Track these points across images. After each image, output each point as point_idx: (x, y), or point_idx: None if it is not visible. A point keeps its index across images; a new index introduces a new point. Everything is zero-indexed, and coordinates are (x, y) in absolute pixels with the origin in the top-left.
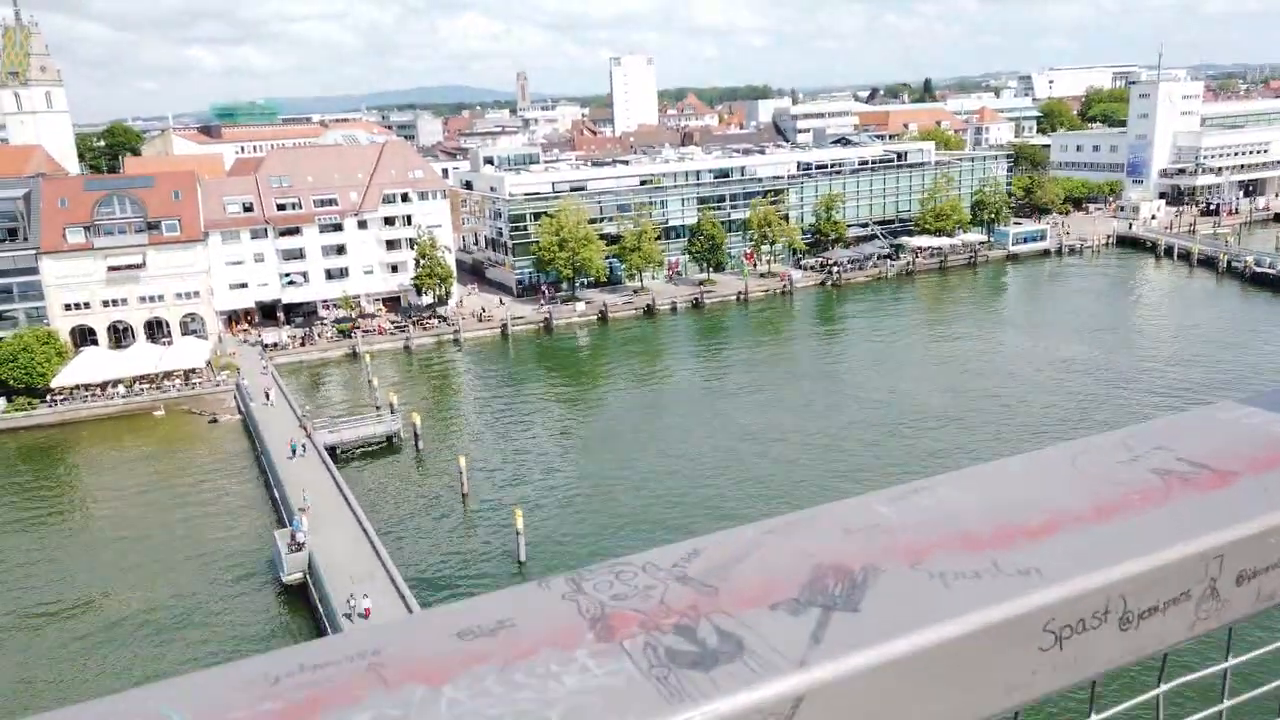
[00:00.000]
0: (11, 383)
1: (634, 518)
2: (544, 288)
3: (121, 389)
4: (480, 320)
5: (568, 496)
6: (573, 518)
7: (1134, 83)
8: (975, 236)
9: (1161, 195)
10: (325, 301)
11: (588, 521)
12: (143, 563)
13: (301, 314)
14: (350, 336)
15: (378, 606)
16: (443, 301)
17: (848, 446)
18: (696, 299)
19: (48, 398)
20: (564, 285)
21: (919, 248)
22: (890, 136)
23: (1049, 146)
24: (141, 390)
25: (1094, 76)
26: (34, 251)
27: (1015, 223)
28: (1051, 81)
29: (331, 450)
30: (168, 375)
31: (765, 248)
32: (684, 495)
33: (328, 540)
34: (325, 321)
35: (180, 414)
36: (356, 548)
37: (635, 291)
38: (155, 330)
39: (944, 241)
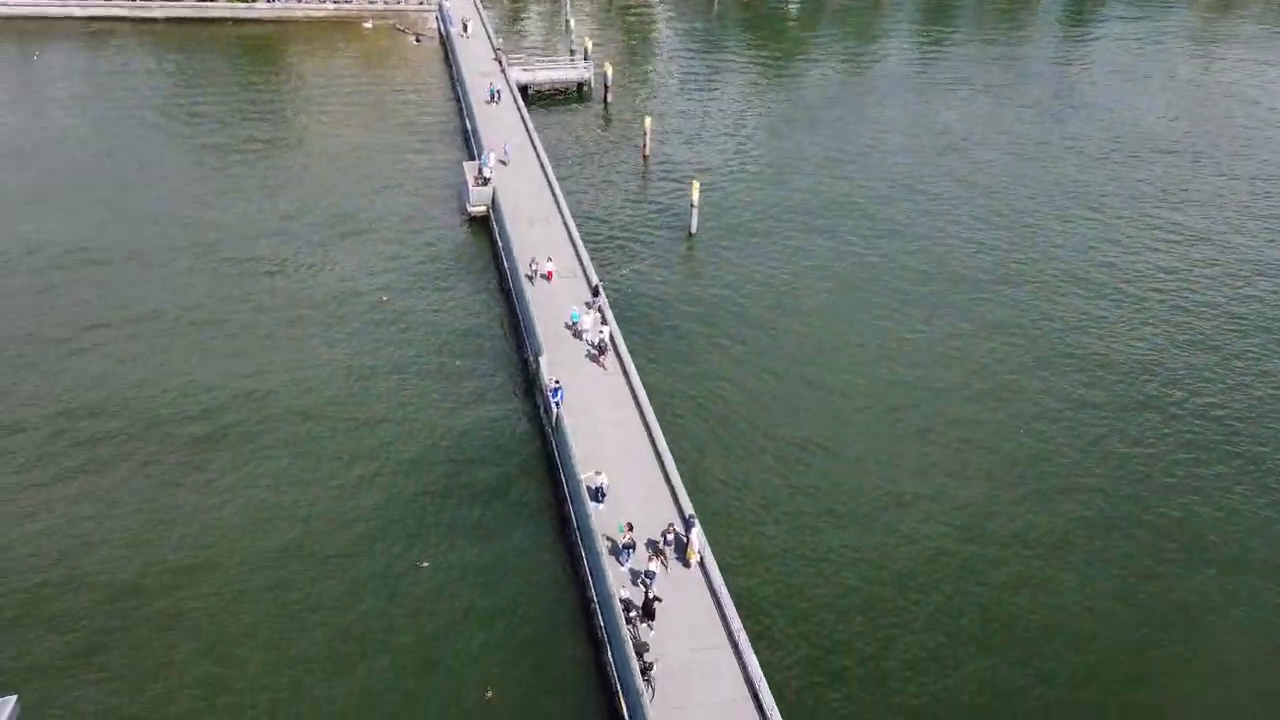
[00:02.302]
0: None
1: (806, 206)
2: None
3: None
4: None
5: (747, 174)
6: (748, 197)
7: None
8: None
9: None
10: None
11: (761, 202)
12: (345, 174)
13: None
14: None
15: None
16: None
17: (1054, 165)
18: None
19: None
20: None
21: None
22: None
23: None
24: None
25: None
26: None
27: None
28: None
29: (523, 90)
30: None
31: None
32: (860, 189)
33: (512, 179)
34: None
35: (386, 29)
36: (538, 191)
37: None
38: None
39: None
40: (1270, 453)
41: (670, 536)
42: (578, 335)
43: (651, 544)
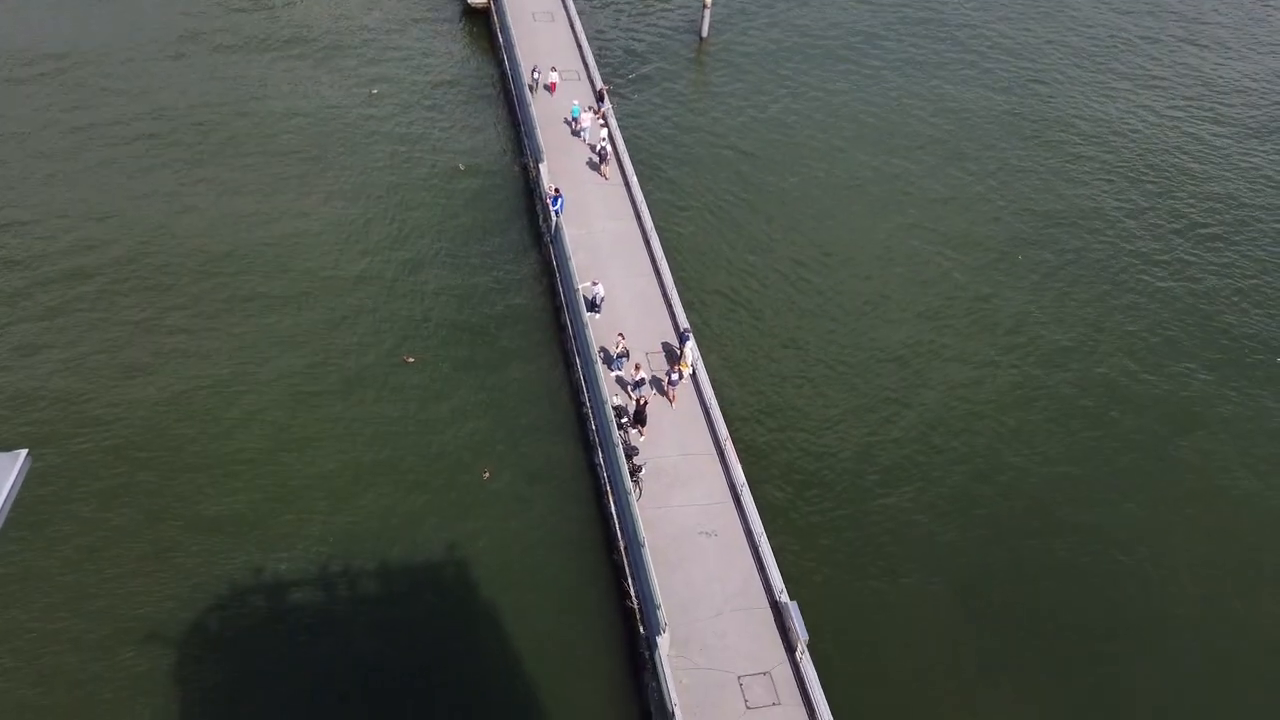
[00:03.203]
0: None
1: (825, 18)
2: None
3: None
4: None
5: None
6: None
7: None
8: None
9: None
10: None
11: (778, 6)
12: None
13: None
14: None
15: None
16: None
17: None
18: None
19: None
20: None
21: None
22: None
23: None
24: None
25: None
26: None
27: None
28: None
29: None
30: None
31: None
32: (884, 9)
33: None
34: None
35: None
36: None
37: None
38: None
39: None
40: None
41: (675, 376)
42: (576, 134)
43: (656, 382)
